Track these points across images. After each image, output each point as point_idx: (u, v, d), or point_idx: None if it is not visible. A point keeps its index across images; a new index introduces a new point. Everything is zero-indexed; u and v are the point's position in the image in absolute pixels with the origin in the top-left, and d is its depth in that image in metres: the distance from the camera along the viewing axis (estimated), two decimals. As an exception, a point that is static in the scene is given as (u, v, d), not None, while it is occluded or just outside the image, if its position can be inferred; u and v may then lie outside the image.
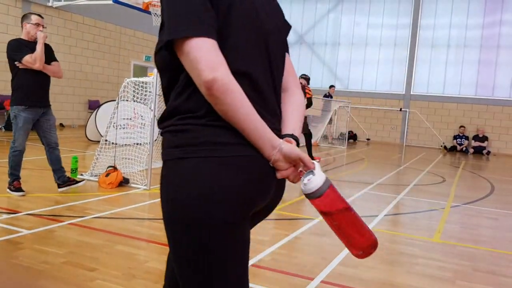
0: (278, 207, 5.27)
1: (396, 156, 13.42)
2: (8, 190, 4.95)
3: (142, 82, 6.60)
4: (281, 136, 1.29)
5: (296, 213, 5.05)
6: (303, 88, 10.15)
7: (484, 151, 16.60)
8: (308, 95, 10.27)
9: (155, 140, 8.25)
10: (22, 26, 4.83)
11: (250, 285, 2.90)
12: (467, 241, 4.41)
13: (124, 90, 6.43)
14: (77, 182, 5.24)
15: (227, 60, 1.14)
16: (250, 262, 3.31)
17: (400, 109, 18.65)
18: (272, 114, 1.28)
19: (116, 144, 6.66)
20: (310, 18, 20.35)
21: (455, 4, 17.90)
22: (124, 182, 5.82)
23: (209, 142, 1.14)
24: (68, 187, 5.15)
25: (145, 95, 6.68)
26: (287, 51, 1.43)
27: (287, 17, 1.47)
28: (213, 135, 1.15)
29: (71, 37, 14.55)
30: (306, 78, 10.27)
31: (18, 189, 4.92)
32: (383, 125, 18.99)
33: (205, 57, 1.10)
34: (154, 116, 5.96)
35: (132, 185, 5.84)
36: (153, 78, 5.89)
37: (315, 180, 1.23)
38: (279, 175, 1.23)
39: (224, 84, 1.10)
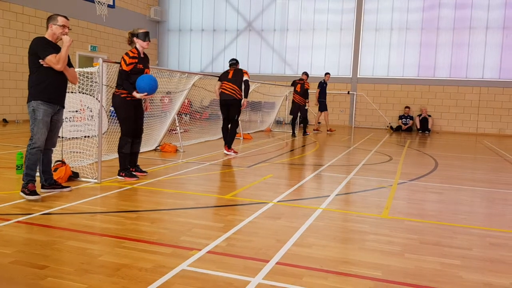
0: (232, 193, 5.32)
1: (346, 138, 13.78)
2: (21, 193, 4.63)
3: (88, 73, 6.38)
4: None
5: (250, 198, 5.10)
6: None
7: (426, 130, 17.40)
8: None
9: (104, 133, 8.04)
10: (47, 27, 4.81)
11: (206, 271, 2.92)
12: (414, 216, 4.63)
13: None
14: (64, 187, 5.09)
15: None
16: (206, 248, 3.33)
17: (348, 92, 19.11)
18: None
19: (63, 137, 6.43)
20: (258, 4, 20.33)
21: (397, -12, 18.43)
22: (73, 177, 5.65)
23: None
24: (51, 190, 4.97)
25: (92, 86, 6.48)
26: None
27: (234, 5, 1.48)
28: None
29: (10, 29, 13.80)
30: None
31: (33, 192, 4.60)
32: (333, 108, 19.37)
33: None
34: (102, 107, 5.80)
35: (82, 179, 5.68)
36: (99, 68, 5.71)
37: None
38: None
39: None
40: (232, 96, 8.48)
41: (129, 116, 5.85)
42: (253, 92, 14.33)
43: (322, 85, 15.86)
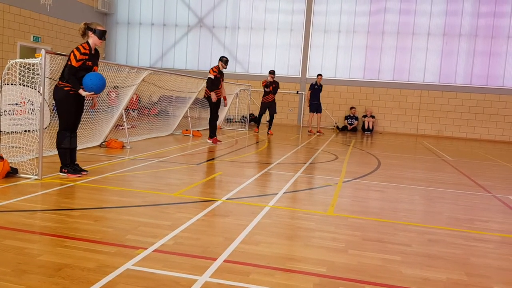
0: (180, 190, 5.27)
1: (294, 137, 14.00)
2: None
3: (29, 64, 6.08)
4: None
5: (199, 196, 5.08)
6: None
7: (367, 132, 18.04)
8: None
9: (46, 127, 7.70)
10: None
11: (152, 270, 2.88)
12: (357, 213, 4.79)
13: (8, 72, 5.88)
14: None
15: None
16: (153, 247, 3.28)
17: (297, 92, 19.42)
18: None
19: (1, 132, 6.10)
20: (209, 0, 20.20)
21: (345, -8, 18.94)
22: (11, 173, 5.38)
23: None
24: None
25: (33, 78, 6.18)
26: None
27: (185, 0, 1.46)
28: None
29: None
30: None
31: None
32: (282, 107, 19.61)
33: None
34: (45, 100, 5.55)
35: (22, 175, 5.42)
36: (41, 59, 5.46)
37: None
38: None
39: None
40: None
41: (70, 110, 5.62)
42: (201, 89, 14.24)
43: (314, 87, 15.97)
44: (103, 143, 8.57)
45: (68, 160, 5.76)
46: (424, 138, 17.00)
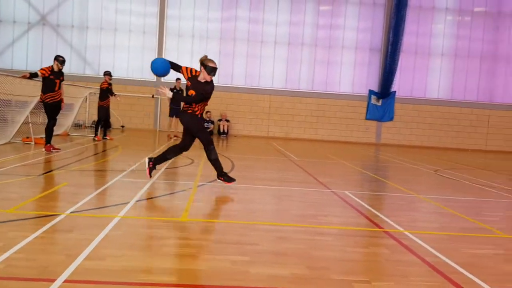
0: (16, 206, 4.71)
1: (150, 142, 13.68)
2: None
3: None
4: None
5: (39, 211, 4.61)
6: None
7: (223, 135, 18.60)
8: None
9: None
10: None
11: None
12: (211, 217, 4.85)
13: None
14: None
15: None
16: (-22, 274, 2.86)
17: (153, 96, 19.04)
18: None
19: None
20: (52, -4, 18.67)
21: (198, -3, 19.19)
22: None
23: None
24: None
25: None
26: None
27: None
28: None
29: None
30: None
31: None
32: (137, 112, 19.05)
33: None
34: None
35: None
36: None
37: None
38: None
39: None
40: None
41: None
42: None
43: (172, 91, 15.46)
44: None
45: None
46: (274, 140, 18.06)
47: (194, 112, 6.31)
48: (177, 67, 6.36)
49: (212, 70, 6.16)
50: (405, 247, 4.09)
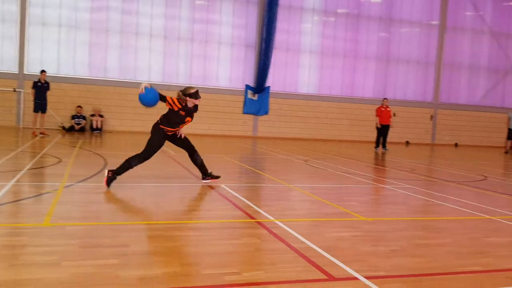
0: None
1: (12, 140, 12.42)
2: None
3: None
4: None
5: None
6: None
7: (97, 131, 17.64)
8: None
9: None
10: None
11: None
12: (77, 220, 4.54)
13: None
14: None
15: None
16: None
17: (14, 90, 17.29)
18: None
19: None
20: None
21: (64, -16, 17.82)
22: None
23: None
24: None
25: None
26: None
27: None
28: None
29: None
30: None
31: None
32: (-2, 107, 17.18)
33: None
34: None
35: None
36: None
37: None
38: None
39: None
40: None
41: None
42: None
43: (37, 85, 14.35)
44: None
45: None
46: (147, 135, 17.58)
47: (165, 126, 6.90)
48: (162, 98, 6.46)
49: (197, 94, 6.62)
50: (275, 236, 4.28)
